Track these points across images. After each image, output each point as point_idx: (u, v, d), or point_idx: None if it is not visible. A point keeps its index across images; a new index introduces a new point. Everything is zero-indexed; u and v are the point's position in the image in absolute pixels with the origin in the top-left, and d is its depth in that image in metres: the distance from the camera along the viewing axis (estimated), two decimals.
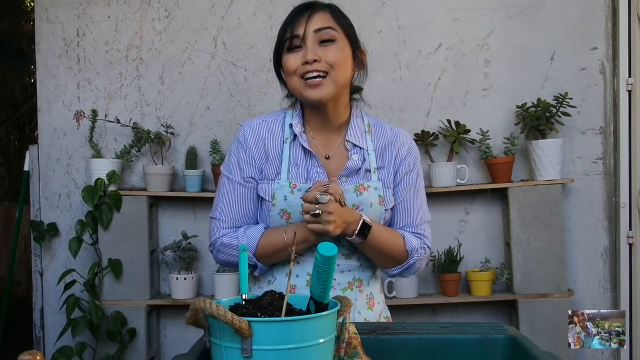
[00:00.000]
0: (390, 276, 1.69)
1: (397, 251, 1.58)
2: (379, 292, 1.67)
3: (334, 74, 1.53)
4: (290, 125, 1.61)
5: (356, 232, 1.50)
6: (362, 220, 1.50)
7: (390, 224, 1.64)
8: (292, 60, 1.54)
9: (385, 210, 1.59)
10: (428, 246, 1.64)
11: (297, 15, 1.56)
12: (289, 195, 1.55)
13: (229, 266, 1.67)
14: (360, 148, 1.60)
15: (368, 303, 1.61)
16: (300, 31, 1.54)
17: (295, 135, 1.59)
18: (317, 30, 1.54)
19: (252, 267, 1.59)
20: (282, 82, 1.65)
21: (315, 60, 1.52)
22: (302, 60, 1.52)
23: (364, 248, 1.56)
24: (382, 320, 1.65)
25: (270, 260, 1.58)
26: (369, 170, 1.59)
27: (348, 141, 1.60)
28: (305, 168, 1.58)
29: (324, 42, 1.54)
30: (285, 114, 1.64)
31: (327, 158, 1.60)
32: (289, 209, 1.55)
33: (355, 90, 1.66)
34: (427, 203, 1.68)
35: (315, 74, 1.52)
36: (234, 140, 1.65)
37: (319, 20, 1.55)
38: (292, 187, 1.55)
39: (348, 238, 1.53)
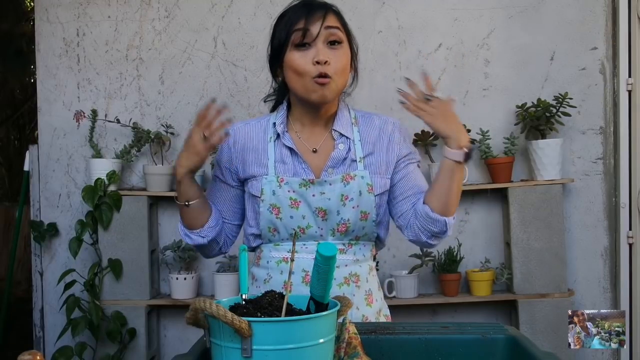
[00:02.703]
0: (444, 228, 1.68)
1: None
2: (377, 289, 1.67)
3: (337, 79, 1.54)
4: (274, 124, 1.63)
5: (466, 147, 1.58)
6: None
7: (396, 197, 1.65)
8: (303, 60, 1.52)
9: (376, 196, 1.59)
10: None
11: (312, 11, 1.54)
12: (277, 189, 1.56)
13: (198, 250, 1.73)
14: (347, 138, 1.62)
15: (367, 299, 1.62)
16: (315, 29, 1.52)
17: (279, 134, 1.61)
18: (328, 28, 1.53)
19: (196, 246, 1.67)
20: (275, 76, 1.66)
21: (326, 62, 1.51)
22: (314, 60, 1.51)
23: (456, 175, 1.67)
24: (382, 317, 1.65)
25: (194, 220, 1.64)
26: (355, 160, 1.60)
27: (335, 130, 1.61)
28: (292, 164, 1.59)
29: (331, 43, 1.54)
30: (270, 116, 1.68)
31: (315, 151, 1.61)
32: (278, 203, 1.56)
33: None
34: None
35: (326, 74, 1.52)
36: None
37: (331, 20, 1.55)
38: (280, 181, 1.57)
39: (454, 150, 1.60)
